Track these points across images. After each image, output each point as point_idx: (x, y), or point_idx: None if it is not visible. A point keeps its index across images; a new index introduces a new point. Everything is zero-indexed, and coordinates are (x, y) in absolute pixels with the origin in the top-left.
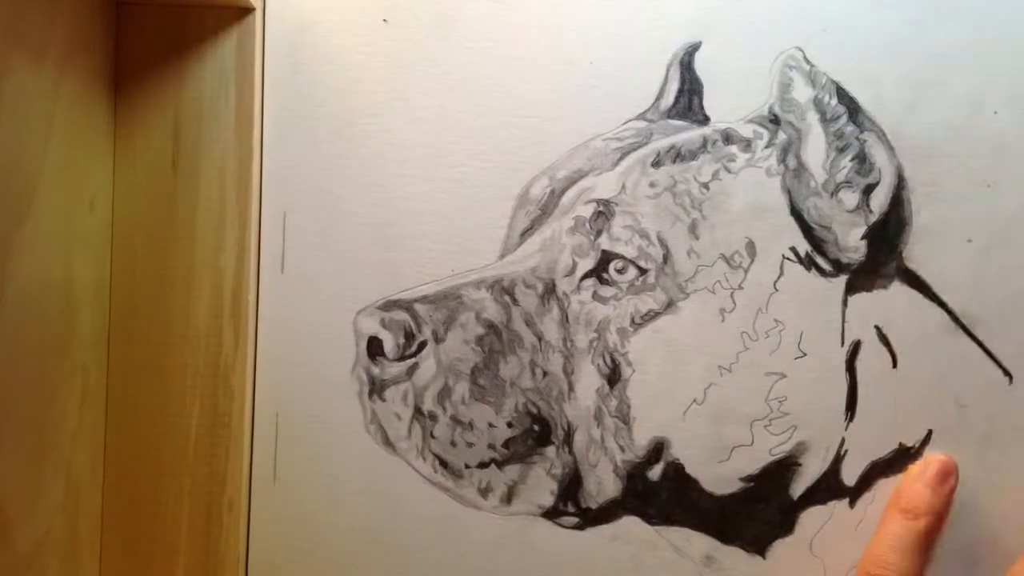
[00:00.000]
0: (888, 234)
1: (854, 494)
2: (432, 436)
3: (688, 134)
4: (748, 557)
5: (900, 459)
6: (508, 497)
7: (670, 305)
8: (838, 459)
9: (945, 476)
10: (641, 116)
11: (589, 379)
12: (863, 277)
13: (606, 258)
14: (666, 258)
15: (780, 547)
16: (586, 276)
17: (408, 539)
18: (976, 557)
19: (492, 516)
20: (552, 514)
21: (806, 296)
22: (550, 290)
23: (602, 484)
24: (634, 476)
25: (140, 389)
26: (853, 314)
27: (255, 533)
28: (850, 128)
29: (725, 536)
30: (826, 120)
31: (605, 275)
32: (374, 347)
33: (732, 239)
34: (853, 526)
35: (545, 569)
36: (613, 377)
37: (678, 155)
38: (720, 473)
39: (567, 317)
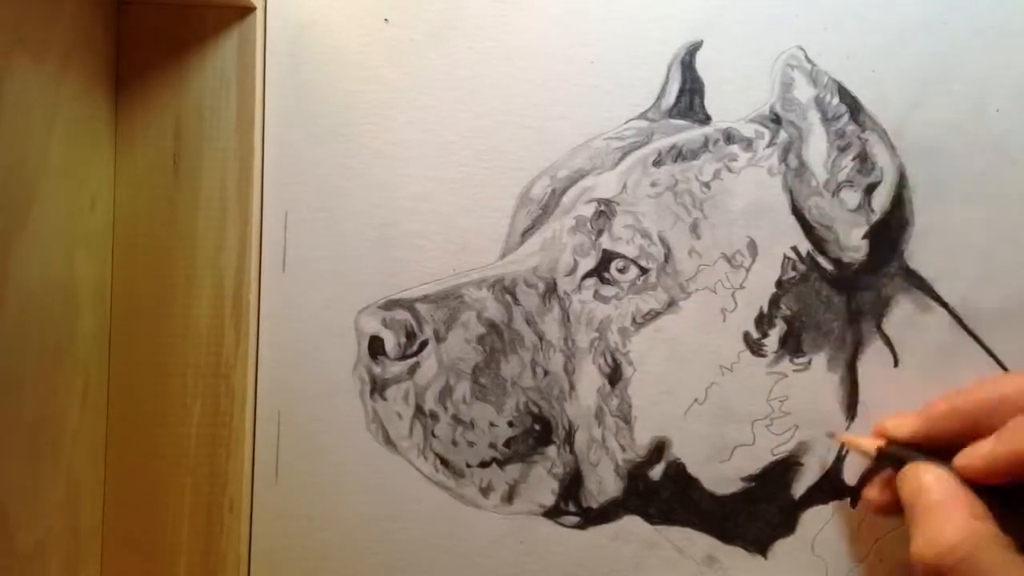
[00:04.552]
0: (890, 233)
1: (856, 494)
2: (433, 435)
3: (689, 133)
4: (749, 557)
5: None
6: (509, 496)
7: (671, 304)
8: (839, 459)
9: None
10: (642, 115)
11: (590, 378)
12: (865, 276)
13: (607, 257)
14: (667, 257)
15: (781, 547)
16: (587, 275)
17: (409, 538)
18: None
19: (493, 515)
20: (553, 513)
21: (807, 296)
22: (551, 289)
23: (603, 483)
24: (635, 475)
25: (141, 388)
26: (855, 313)
27: (256, 533)
28: (851, 127)
29: (726, 536)
30: (827, 119)
31: (606, 274)
32: (375, 346)
33: (733, 238)
34: (855, 526)
35: (546, 568)
36: (614, 376)
37: (679, 154)
38: (721, 473)
39: (568, 316)
